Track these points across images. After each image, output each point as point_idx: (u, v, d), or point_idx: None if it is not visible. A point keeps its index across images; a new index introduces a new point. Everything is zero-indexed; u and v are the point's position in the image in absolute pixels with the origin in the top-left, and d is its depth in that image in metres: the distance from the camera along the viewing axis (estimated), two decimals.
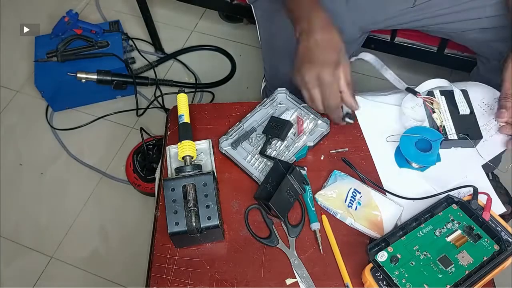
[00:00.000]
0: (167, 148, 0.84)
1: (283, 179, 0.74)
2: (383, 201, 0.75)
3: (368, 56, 0.84)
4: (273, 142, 0.83)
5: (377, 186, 0.77)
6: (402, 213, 0.74)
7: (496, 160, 0.87)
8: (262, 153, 0.81)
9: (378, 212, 0.73)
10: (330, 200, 0.76)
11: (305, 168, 0.80)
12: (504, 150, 0.82)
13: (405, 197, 0.76)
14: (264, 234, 0.76)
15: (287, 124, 0.82)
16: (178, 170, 0.77)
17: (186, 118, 0.82)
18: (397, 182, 0.78)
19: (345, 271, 0.70)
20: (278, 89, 0.89)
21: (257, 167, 0.81)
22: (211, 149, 0.83)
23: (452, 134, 0.79)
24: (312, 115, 0.85)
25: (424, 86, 0.84)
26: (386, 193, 0.77)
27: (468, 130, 0.79)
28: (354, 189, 0.76)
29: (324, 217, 0.76)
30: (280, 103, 0.88)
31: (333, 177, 0.78)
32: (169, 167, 0.82)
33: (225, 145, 0.83)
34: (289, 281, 0.71)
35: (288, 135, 0.83)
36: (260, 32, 1.06)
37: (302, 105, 0.86)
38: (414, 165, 0.78)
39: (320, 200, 0.77)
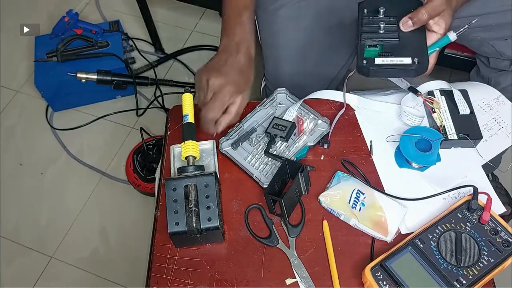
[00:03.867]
0: (171, 147, 0.84)
1: (294, 178, 0.74)
2: (387, 202, 0.74)
3: None
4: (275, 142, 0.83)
5: (377, 189, 0.77)
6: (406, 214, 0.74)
7: (496, 160, 0.87)
8: (267, 151, 0.81)
9: (382, 213, 0.73)
10: (334, 201, 0.76)
11: (314, 168, 0.80)
12: (505, 150, 0.82)
13: (403, 198, 0.76)
14: (264, 234, 0.76)
15: (291, 126, 0.82)
16: (181, 170, 0.77)
17: (190, 118, 0.82)
18: (397, 182, 0.78)
19: (336, 280, 0.70)
20: (278, 89, 0.89)
21: (257, 168, 0.81)
22: (215, 150, 0.83)
23: (452, 134, 0.79)
24: (312, 115, 0.85)
25: (425, 87, 0.84)
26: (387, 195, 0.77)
27: (468, 130, 0.79)
28: (358, 190, 0.75)
29: (325, 222, 0.76)
30: (280, 103, 0.88)
31: (336, 178, 0.78)
32: (172, 167, 0.82)
33: (225, 146, 0.83)
34: (289, 281, 0.71)
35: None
36: (260, 31, 1.06)
37: (302, 105, 0.86)
38: (414, 165, 0.78)
39: (323, 201, 0.77)
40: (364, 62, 0.71)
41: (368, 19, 0.76)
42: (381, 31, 0.73)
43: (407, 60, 0.69)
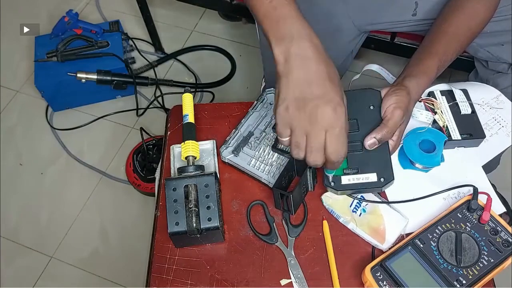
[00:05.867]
0: (171, 147, 0.84)
1: (300, 175, 0.75)
2: (388, 212, 0.74)
3: (374, 67, 0.87)
4: None
5: (380, 201, 0.76)
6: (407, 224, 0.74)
7: (494, 161, 0.88)
8: (275, 147, 0.81)
9: (382, 221, 0.73)
10: (336, 203, 0.76)
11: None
12: (503, 151, 0.82)
13: (403, 200, 0.75)
14: (264, 231, 0.76)
15: None
16: (181, 170, 0.77)
17: (190, 118, 0.82)
18: (400, 183, 0.78)
19: (336, 280, 0.70)
20: (266, 90, 0.89)
21: (263, 170, 0.80)
22: (215, 150, 0.83)
23: (455, 134, 0.79)
24: None
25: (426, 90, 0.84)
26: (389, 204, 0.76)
27: (471, 130, 0.79)
28: (361, 196, 0.75)
29: (325, 222, 0.76)
30: (270, 103, 0.88)
31: None
32: (172, 167, 0.82)
33: (227, 154, 0.82)
34: (283, 281, 0.71)
35: None
36: (260, 31, 1.06)
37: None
38: (417, 166, 0.78)
39: (325, 201, 0.77)
40: (332, 183, 0.73)
41: None
42: None
43: (373, 177, 0.72)
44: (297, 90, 0.60)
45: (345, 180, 0.72)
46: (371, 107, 0.74)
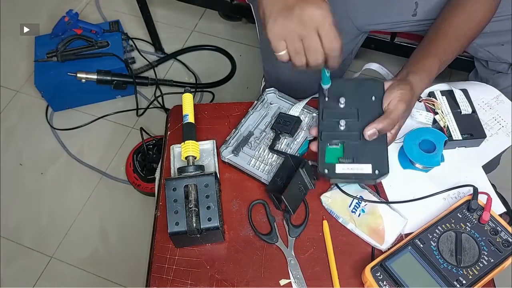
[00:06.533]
0: (171, 147, 0.84)
1: (295, 173, 0.74)
2: (387, 212, 0.74)
3: (374, 66, 0.87)
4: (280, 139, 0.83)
5: (379, 201, 0.76)
6: (407, 224, 0.74)
7: (494, 161, 0.87)
8: (272, 148, 0.81)
9: (381, 222, 0.73)
10: (334, 203, 0.76)
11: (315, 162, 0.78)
12: (503, 151, 0.82)
13: (403, 200, 0.75)
14: (265, 231, 0.76)
15: (296, 120, 0.82)
16: (181, 170, 0.77)
17: (190, 118, 0.82)
18: (400, 183, 0.78)
19: (336, 280, 0.70)
20: (266, 89, 0.89)
21: (263, 170, 0.81)
22: (215, 150, 0.83)
23: (456, 134, 0.79)
24: (306, 110, 0.85)
25: (426, 91, 0.84)
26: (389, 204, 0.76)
27: (472, 129, 0.79)
28: (360, 196, 0.75)
29: (325, 222, 0.76)
30: (271, 103, 0.88)
31: None
32: (172, 167, 0.82)
33: (227, 154, 0.82)
34: (283, 281, 0.71)
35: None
36: (260, 31, 1.06)
37: (293, 101, 0.87)
38: (417, 166, 0.78)
39: (324, 201, 0.76)
40: (326, 170, 0.72)
41: (328, 111, 0.76)
42: (342, 127, 0.74)
43: (368, 169, 0.71)
44: (279, 2, 0.62)
45: (340, 168, 0.72)
46: (373, 98, 0.74)
